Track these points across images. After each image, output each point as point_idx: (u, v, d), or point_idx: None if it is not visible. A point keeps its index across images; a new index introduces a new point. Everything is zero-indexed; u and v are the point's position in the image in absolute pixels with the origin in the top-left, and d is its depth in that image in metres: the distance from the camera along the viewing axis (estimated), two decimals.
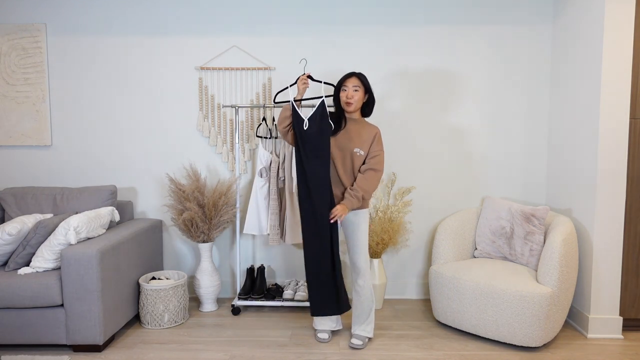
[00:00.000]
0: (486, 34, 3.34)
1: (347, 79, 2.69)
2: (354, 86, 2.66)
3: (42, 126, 3.43)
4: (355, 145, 2.66)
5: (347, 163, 2.67)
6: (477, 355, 2.63)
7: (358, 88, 2.67)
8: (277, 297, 3.23)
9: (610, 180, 2.78)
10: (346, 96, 2.67)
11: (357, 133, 2.69)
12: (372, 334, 2.78)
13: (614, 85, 2.74)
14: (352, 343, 2.72)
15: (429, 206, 3.46)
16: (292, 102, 2.68)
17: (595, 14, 2.80)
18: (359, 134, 2.69)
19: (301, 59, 3.13)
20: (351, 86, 2.67)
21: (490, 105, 3.39)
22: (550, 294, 2.57)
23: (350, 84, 2.67)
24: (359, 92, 2.68)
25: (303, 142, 2.63)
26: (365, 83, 2.69)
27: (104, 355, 2.63)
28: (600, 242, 2.82)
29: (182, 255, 3.54)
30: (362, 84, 2.68)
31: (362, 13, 3.34)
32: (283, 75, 3.36)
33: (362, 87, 2.68)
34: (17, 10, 3.38)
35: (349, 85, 2.67)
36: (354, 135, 2.69)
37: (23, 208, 3.14)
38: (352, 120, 2.73)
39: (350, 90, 2.66)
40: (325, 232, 2.61)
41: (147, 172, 3.48)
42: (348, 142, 2.67)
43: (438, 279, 2.93)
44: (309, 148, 2.61)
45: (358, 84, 2.67)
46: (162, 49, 3.39)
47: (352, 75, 2.69)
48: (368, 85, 2.71)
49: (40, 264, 2.66)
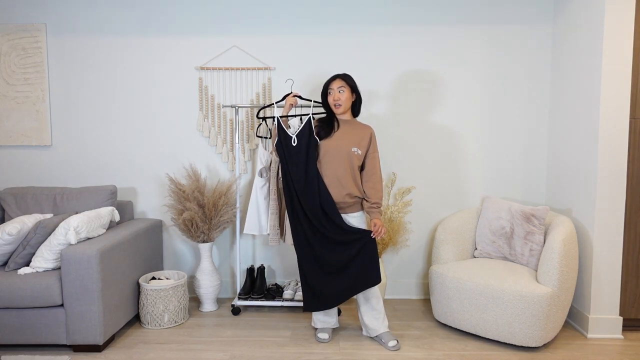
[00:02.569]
0: (486, 34, 3.34)
1: (331, 82, 2.74)
2: (339, 87, 2.70)
3: (42, 126, 3.43)
4: (352, 145, 2.69)
5: (344, 163, 2.68)
6: (477, 355, 2.63)
7: (343, 89, 2.71)
8: (277, 297, 3.24)
9: (610, 180, 2.78)
10: (333, 99, 2.72)
11: (352, 133, 2.73)
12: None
13: (614, 85, 2.74)
14: (390, 346, 2.69)
15: (429, 206, 3.46)
16: (278, 118, 2.77)
17: (595, 14, 2.80)
18: (354, 134, 2.73)
19: (287, 79, 3.27)
20: (336, 88, 2.71)
21: (490, 105, 3.39)
22: (550, 294, 2.57)
23: (335, 86, 2.71)
24: (345, 93, 2.71)
25: (290, 157, 2.71)
26: (349, 83, 2.73)
27: (104, 355, 2.63)
28: (600, 242, 2.82)
29: (182, 255, 3.54)
30: (347, 84, 2.72)
31: (363, 13, 3.34)
32: (283, 75, 3.36)
33: (347, 87, 2.72)
34: (17, 10, 3.38)
35: (334, 87, 2.72)
36: (349, 135, 2.72)
37: (23, 208, 3.14)
38: (345, 122, 2.78)
39: (336, 93, 2.71)
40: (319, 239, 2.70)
41: (147, 172, 3.48)
42: (344, 142, 2.69)
43: (438, 279, 2.93)
44: (295, 163, 2.69)
45: (343, 85, 2.71)
46: (162, 49, 3.39)
47: (335, 77, 2.74)
48: (353, 84, 2.75)
49: (40, 264, 2.66)
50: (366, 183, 2.74)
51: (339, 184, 2.67)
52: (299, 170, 2.68)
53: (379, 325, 2.77)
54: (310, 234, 2.71)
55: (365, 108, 3.16)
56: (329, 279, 2.71)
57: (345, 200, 2.69)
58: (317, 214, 2.67)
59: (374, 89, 3.37)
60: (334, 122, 2.77)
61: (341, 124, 2.76)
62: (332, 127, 2.75)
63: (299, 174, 2.68)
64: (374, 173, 2.74)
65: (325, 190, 2.66)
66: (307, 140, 2.69)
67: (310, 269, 2.73)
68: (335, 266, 2.70)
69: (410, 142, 3.42)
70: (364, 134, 2.75)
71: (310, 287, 2.73)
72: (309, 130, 2.71)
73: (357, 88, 2.77)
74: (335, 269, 2.70)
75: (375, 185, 2.73)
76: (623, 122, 2.76)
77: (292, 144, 2.71)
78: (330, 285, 2.71)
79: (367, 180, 2.74)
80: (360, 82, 2.89)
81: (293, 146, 2.70)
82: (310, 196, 2.66)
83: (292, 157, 2.71)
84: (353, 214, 2.74)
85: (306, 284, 2.74)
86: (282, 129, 2.76)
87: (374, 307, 2.77)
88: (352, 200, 2.71)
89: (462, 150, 3.43)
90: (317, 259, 2.71)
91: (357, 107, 2.81)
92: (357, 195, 2.71)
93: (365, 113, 3.26)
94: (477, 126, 3.41)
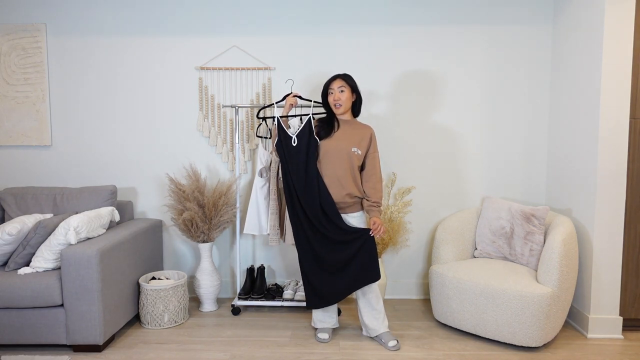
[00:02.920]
0: (486, 34, 3.34)
1: (331, 82, 2.75)
2: (339, 87, 2.72)
3: (42, 126, 3.43)
4: (353, 145, 2.70)
5: (345, 163, 2.69)
6: (477, 355, 2.63)
7: (344, 89, 2.72)
8: (277, 297, 3.24)
9: (610, 180, 2.78)
10: (334, 99, 2.73)
11: (352, 133, 2.75)
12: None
13: (614, 85, 2.74)
14: (390, 346, 2.68)
15: (429, 206, 3.46)
16: (278, 118, 2.79)
17: (595, 14, 2.80)
18: (354, 134, 2.75)
19: (287, 79, 3.26)
20: (337, 88, 2.72)
21: (490, 105, 3.39)
22: (550, 294, 2.57)
23: (335, 86, 2.73)
24: (346, 93, 2.73)
25: (290, 157, 2.73)
26: (350, 83, 2.74)
27: (104, 355, 2.63)
28: (600, 242, 2.82)
29: (182, 255, 3.54)
30: (347, 84, 2.73)
31: (363, 13, 3.34)
32: (283, 75, 3.36)
33: (347, 87, 2.73)
34: (17, 10, 3.38)
35: (334, 87, 2.73)
36: (349, 135, 2.74)
37: (23, 208, 3.14)
38: (345, 122, 2.79)
39: (336, 93, 2.72)
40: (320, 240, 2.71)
41: (147, 172, 3.48)
42: (344, 142, 2.71)
43: (438, 279, 2.93)
44: (295, 163, 2.70)
45: (343, 85, 2.72)
46: (162, 49, 3.39)
47: (336, 77, 2.75)
48: (354, 84, 2.77)
49: (40, 264, 2.66)
50: (366, 183, 2.75)
51: (339, 184, 2.68)
52: (299, 170, 2.69)
53: (379, 325, 2.77)
54: (311, 233, 2.72)
55: (365, 108, 3.16)
56: (329, 277, 2.72)
57: (345, 200, 2.69)
58: (317, 214, 2.67)
59: (374, 89, 3.37)
60: (334, 122, 2.78)
61: (341, 124, 2.78)
62: (332, 127, 2.76)
63: (299, 173, 2.69)
64: (374, 173, 2.76)
65: (325, 190, 2.67)
66: (307, 140, 2.70)
67: (310, 267, 2.74)
68: (336, 266, 2.71)
69: (410, 142, 3.42)
70: (364, 134, 2.76)
71: (312, 285, 2.74)
72: (309, 130, 2.72)
73: (357, 88, 2.79)
74: (336, 269, 2.71)
75: (375, 185, 2.74)
76: (623, 122, 2.75)
77: (292, 144, 2.72)
78: (330, 284, 2.72)
79: (367, 180, 2.75)
80: (360, 82, 2.89)
81: (293, 146, 2.72)
82: (310, 196, 2.67)
83: (292, 157, 2.72)
84: (353, 214, 2.74)
85: (307, 282, 2.75)
86: (282, 129, 2.77)
87: (374, 307, 2.77)
88: (352, 200, 2.72)
89: (462, 150, 3.43)
90: (318, 259, 2.72)
91: (358, 107, 2.83)
92: (357, 195, 2.72)
93: (365, 113, 3.26)
94: (477, 126, 3.41)
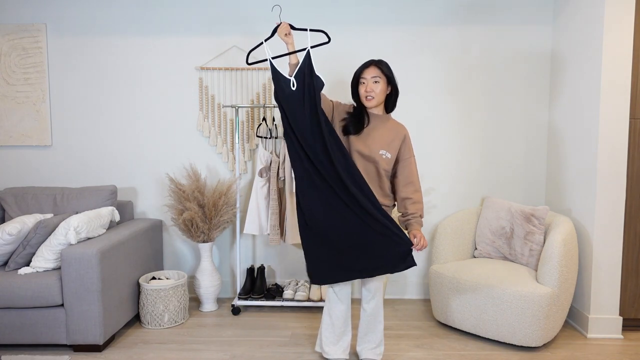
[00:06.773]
0: (486, 34, 3.34)
1: (364, 70, 2.32)
2: (373, 77, 2.29)
3: (42, 126, 3.43)
4: (381, 147, 2.30)
5: (370, 168, 2.30)
6: (477, 355, 2.63)
7: (379, 79, 2.29)
8: (277, 297, 3.24)
9: (610, 180, 2.78)
10: (365, 90, 2.31)
11: (382, 132, 2.33)
12: (381, 356, 2.51)
13: (614, 85, 2.74)
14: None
15: (429, 206, 3.46)
16: (270, 60, 2.28)
17: (595, 14, 2.80)
18: (385, 134, 2.33)
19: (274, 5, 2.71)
20: (370, 77, 2.30)
21: (490, 104, 3.39)
22: (550, 293, 2.58)
23: (368, 75, 2.30)
24: (380, 84, 2.30)
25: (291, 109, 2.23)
26: (386, 72, 2.31)
27: (104, 355, 2.63)
28: (600, 242, 2.82)
29: (182, 255, 3.54)
30: (383, 74, 2.30)
31: (364, 12, 3.34)
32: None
33: (383, 78, 2.30)
34: (17, 10, 3.38)
35: (367, 77, 2.30)
36: (379, 134, 2.32)
37: (23, 208, 3.14)
38: (375, 117, 2.36)
39: (369, 83, 2.30)
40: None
41: (147, 172, 3.48)
42: (372, 142, 2.30)
43: (438, 278, 2.93)
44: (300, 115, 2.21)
45: (378, 75, 2.29)
46: (162, 49, 3.39)
47: (370, 64, 2.32)
48: (390, 74, 2.33)
49: (41, 264, 2.66)
50: (400, 193, 2.35)
51: None
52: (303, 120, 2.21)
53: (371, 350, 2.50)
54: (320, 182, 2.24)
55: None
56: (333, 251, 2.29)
57: None
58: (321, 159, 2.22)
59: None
60: (364, 116, 2.34)
61: (371, 120, 2.34)
62: (362, 122, 2.32)
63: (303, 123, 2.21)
64: (410, 182, 2.34)
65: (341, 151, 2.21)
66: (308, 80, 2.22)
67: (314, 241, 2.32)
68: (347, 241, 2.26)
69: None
70: (396, 134, 2.34)
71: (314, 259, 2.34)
72: (309, 67, 2.23)
73: (394, 79, 2.33)
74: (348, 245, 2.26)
75: (412, 195, 2.33)
76: (623, 122, 2.76)
77: (292, 87, 2.24)
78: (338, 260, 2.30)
79: (401, 191, 2.35)
80: None
81: (292, 91, 2.23)
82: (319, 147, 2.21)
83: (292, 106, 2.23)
84: None
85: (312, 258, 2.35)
86: (277, 71, 2.28)
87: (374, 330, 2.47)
88: None
89: (462, 150, 3.43)
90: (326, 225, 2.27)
91: (393, 101, 2.38)
92: (383, 204, 2.32)
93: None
94: (477, 126, 3.41)
